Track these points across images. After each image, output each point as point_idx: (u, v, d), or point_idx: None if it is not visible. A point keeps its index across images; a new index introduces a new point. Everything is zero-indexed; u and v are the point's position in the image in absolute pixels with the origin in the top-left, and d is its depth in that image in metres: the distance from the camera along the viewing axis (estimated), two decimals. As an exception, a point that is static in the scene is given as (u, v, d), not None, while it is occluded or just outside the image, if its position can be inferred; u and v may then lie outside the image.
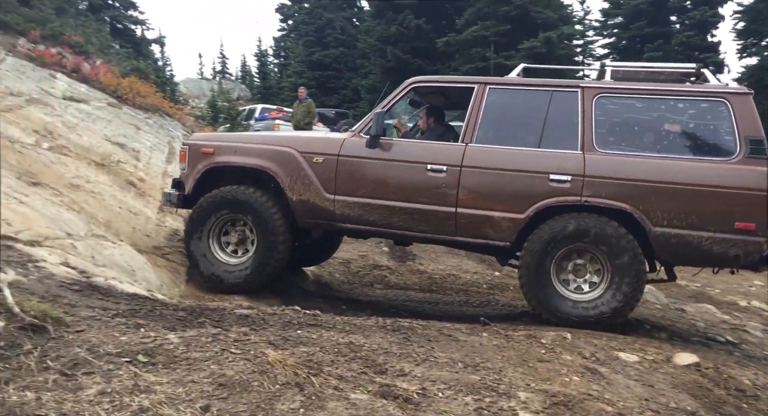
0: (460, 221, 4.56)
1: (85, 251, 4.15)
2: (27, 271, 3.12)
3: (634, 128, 4.51)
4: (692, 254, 4.26)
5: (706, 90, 4.37)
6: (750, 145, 4.13)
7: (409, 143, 4.89)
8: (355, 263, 7.36)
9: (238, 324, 3.25)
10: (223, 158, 5.00)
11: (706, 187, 4.14)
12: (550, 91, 4.61)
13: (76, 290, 3.19)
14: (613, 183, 4.27)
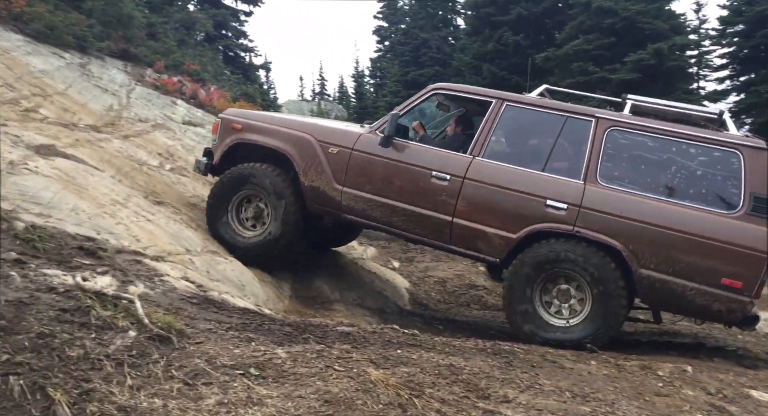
0: (454, 230, 4.63)
1: (201, 266, 4.44)
2: (153, 284, 3.39)
3: (641, 166, 4.43)
4: (674, 302, 4.20)
5: (722, 139, 4.22)
6: (754, 202, 4.01)
7: (420, 148, 4.87)
8: (451, 283, 7.32)
9: (340, 341, 3.33)
10: (249, 136, 5.23)
11: (701, 237, 4.05)
12: (565, 117, 4.57)
13: (195, 303, 3.42)
14: (608, 218, 4.22)
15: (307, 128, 5.17)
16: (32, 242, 3.10)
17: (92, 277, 3.05)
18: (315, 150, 5.01)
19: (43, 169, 4.22)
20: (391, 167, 4.81)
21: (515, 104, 4.75)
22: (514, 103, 4.75)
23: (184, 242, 4.71)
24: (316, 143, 5.03)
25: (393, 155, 4.82)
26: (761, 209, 3.99)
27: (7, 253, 2.86)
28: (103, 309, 2.60)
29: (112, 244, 3.77)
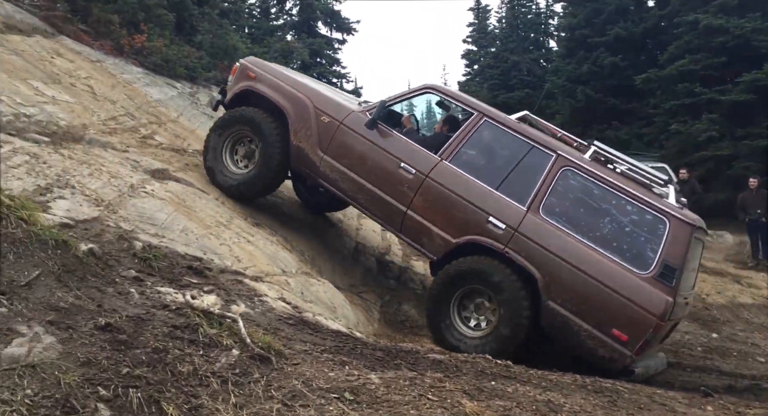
0: (406, 221, 4.94)
1: (296, 287, 4.58)
2: (254, 304, 3.53)
3: (580, 209, 4.60)
4: (568, 338, 4.44)
5: (656, 204, 4.41)
6: (664, 269, 4.21)
7: (398, 138, 5.13)
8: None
9: (432, 369, 3.29)
10: (258, 85, 5.58)
11: (607, 287, 4.25)
12: (531, 146, 4.81)
13: (291, 324, 3.52)
14: (533, 247, 4.47)
15: (309, 92, 5.48)
16: (149, 261, 3.34)
17: (200, 295, 3.22)
18: (309, 114, 5.34)
19: (158, 192, 4.55)
20: (368, 148, 5.12)
21: (493, 121, 5.00)
22: (492, 120, 5.00)
23: (280, 263, 4.88)
24: (312, 108, 5.35)
25: (373, 138, 5.12)
26: (668, 277, 4.20)
27: (127, 271, 3.09)
28: (209, 327, 2.73)
29: (216, 264, 3.98)
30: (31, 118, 4.90)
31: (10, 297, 2.20)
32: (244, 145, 5.63)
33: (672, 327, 4.91)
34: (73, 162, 4.24)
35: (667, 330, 4.64)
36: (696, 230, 4.41)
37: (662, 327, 4.23)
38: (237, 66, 5.90)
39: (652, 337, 4.20)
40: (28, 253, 2.57)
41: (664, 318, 4.16)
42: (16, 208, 2.79)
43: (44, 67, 6.36)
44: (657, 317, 4.14)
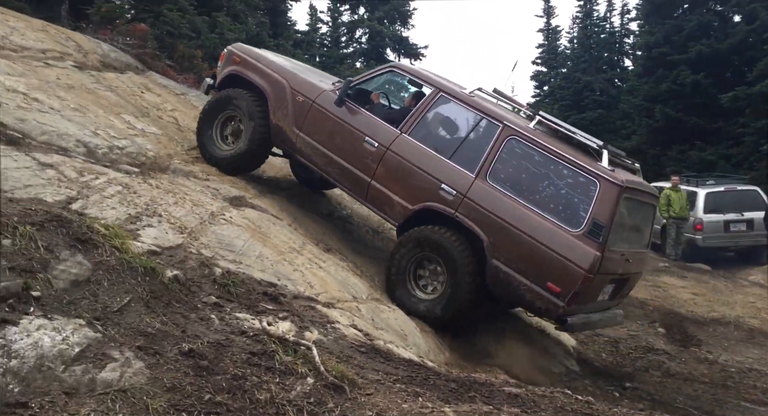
0: (370, 191, 5.36)
1: (367, 314, 4.58)
2: (326, 331, 3.56)
3: (522, 175, 4.95)
4: (510, 294, 4.91)
5: (588, 167, 4.74)
6: (593, 226, 4.57)
7: (364, 114, 5.51)
8: (625, 344, 6.69)
9: (508, 403, 3.18)
10: (242, 69, 6.02)
11: (542, 243, 4.65)
12: (481, 117, 5.19)
13: (363, 352, 3.52)
14: (480, 210, 4.88)
15: (287, 74, 5.90)
16: (227, 287, 3.45)
17: (275, 321, 3.29)
18: (286, 95, 5.76)
19: (235, 219, 4.72)
20: (337, 124, 5.52)
21: (448, 95, 5.36)
22: (448, 95, 5.36)
23: (351, 289, 4.92)
24: (289, 89, 5.77)
25: (341, 115, 5.52)
26: (596, 233, 4.55)
27: (208, 297, 3.21)
28: (285, 355, 2.78)
29: (290, 290, 4.06)
30: (123, 150, 5.25)
31: (105, 323, 2.34)
32: (232, 124, 6.07)
33: (622, 284, 5.31)
34: (160, 191, 4.48)
35: (606, 285, 5.02)
36: (626, 190, 4.70)
37: (591, 279, 4.56)
38: (225, 52, 6.41)
39: (581, 289, 4.56)
40: (120, 279, 2.72)
41: (592, 271, 4.53)
42: (110, 237, 2.97)
43: (135, 102, 6.81)
44: (585, 270, 4.52)
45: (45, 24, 7.73)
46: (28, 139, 4.39)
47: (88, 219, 3.18)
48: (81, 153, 4.72)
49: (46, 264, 2.47)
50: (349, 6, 26.20)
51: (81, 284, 2.52)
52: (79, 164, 4.27)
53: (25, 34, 6.68)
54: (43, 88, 5.43)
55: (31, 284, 2.28)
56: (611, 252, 4.69)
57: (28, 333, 1.95)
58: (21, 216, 2.70)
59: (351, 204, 8.11)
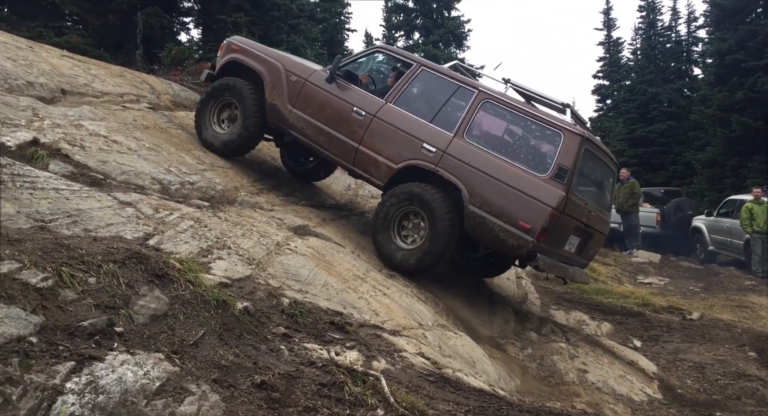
0: (358, 155, 5.90)
1: (433, 341, 4.53)
2: (393, 360, 3.54)
3: (495, 132, 5.69)
4: (485, 235, 5.39)
5: (554, 121, 5.42)
6: (558, 170, 5.17)
7: (352, 89, 6.12)
8: (712, 369, 6.25)
9: (586, 436, 3.04)
10: (240, 56, 6.63)
11: (514, 187, 5.23)
12: (457, 85, 5.83)
13: (431, 381, 3.47)
14: (458, 163, 5.43)
15: (281, 58, 6.54)
16: (295, 317, 3.51)
17: (343, 351, 3.31)
18: (281, 76, 6.35)
19: (300, 248, 4.82)
20: (328, 98, 6.10)
21: (429, 69, 6.03)
22: (429, 69, 6.03)
23: (416, 316, 4.88)
24: (283, 70, 6.38)
25: (332, 90, 6.11)
26: (561, 176, 5.15)
27: (277, 327, 3.27)
28: (354, 385, 2.78)
29: (356, 318, 4.08)
30: (194, 185, 5.50)
31: (182, 356, 2.42)
32: (229, 110, 6.60)
33: (589, 238, 5.86)
34: (228, 224, 4.65)
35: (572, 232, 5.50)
36: (586, 141, 5.32)
37: (558, 216, 5.11)
38: (224, 43, 6.96)
39: (549, 225, 5.11)
40: (195, 313, 2.82)
41: (558, 209, 5.09)
42: (185, 271, 3.10)
43: (204, 138, 7.14)
44: (552, 207, 5.08)
45: (122, 69, 8.29)
46: (109, 179, 4.68)
47: (164, 254, 3.33)
48: (156, 190, 4.98)
49: (128, 300, 2.60)
50: (404, 32, 26.62)
51: (159, 319, 2.63)
52: (155, 201, 4.50)
53: (105, 80, 7.19)
54: (121, 130, 5.79)
55: (115, 320, 2.40)
56: (575, 196, 5.29)
57: (113, 369, 2.04)
58: (104, 254, 2.86)
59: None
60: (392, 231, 5.68)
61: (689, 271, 12.62)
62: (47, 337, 2.09)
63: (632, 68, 27.61)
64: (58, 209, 3.55)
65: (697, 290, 10.45)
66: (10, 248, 2.59)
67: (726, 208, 13.36)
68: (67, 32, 12.52)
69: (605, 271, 11.14)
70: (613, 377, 5.46)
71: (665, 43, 26.22)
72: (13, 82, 5.66)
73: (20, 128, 4.72)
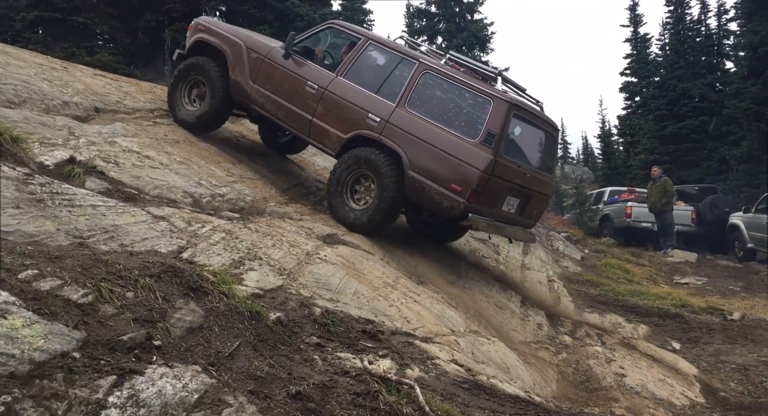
0: (312, 127, 6.28)
1: (466, 347, 4.50)
2: (427, 368, 3.53)
3: (433, 101, 5.93)
4: (423, 198, 5.77)
5: (484, 89, 5.75)
6: (487, 135, 5.53)
7: (307, 64, 6.46)
8: (756, 371, 6.06)
9: (626, 443, 2.97)
10: (206, 36, 6.95)
11: (447, 153, 5.59)
12: (401, 57, 6.18)
13: (466, 388, 3.45)
14: (399, 132, 5.80)
15: (243, 36, 6.85)
16: (327, 326, 3.53)
17: (375, 360, 3.31)
18: (242, 53, 6.68)
19: (330, 257, 4.85)
20: (284, 74, 6.44)
21: (375, 42, 6.40)
22: (375, 42, 6.40)
23: (448, 323, 4.86)
24: (245, 48, 6.70)
25: (288, 65, 6.46)
26: (490, 141, 5.49)
27: (310, 337, 3.29)
28: (388, 394, 2.78)
29: (387, 326, 4.08)
30: (224, 197, 5.59)
31: (218, 368, 2.46)
32: (198, 88, 6.93)
33: (529, 200, 6.17)
34: (259, 235, 4.70)
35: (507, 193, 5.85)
36: (514, 107, 5.66)
37: (486, 179, 5.45)
38: (192, 24, 7.25)
39: (478, 187, 5.46)
40: (229, 324, 2.86)
41: (487, 172, 5.44)
42: (218, 283, 3.15)
43: (232, 150, 7.26)
44: (481, 170, 5.44)
45: (152, 86, 8.49)
46: (143, 194, 4.79)
47: (197, 267, 3.39)
48: (188, 203, 5.08)
49: (164, 313, 2.65)
50: (427, 37, 26.61)
51: (195, 331, 2.68)
52: (187, 214, 4.58)
53: (136, 97, 7.37)
54: (153, 145, 5.93)
55: (153, 333, 2.45)
56: (505, 159, 5.59)
57: (152, 382, 2.09)
58: (141, 269, 2.93)
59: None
60: (345, 195, 6.03)
61: (728, 270, 12.27)
62: (89, 352, 2.15)
63: (661, 64, 27.05)
64: (95, 225, 3.65)
65: (737, 289, 10.15)
66: (51, 265, 2.67)
67: (764, 204, 12.97)
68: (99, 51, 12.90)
69: (640, 272, 10.91)
70: (653, 381, 5.33)
71: (695, 37, 25.62)
72: (50, 102, 5.85)
73: (57, 147, 4.88)
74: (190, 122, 6.88)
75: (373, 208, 5.88)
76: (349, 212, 5.99)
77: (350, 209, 6.01)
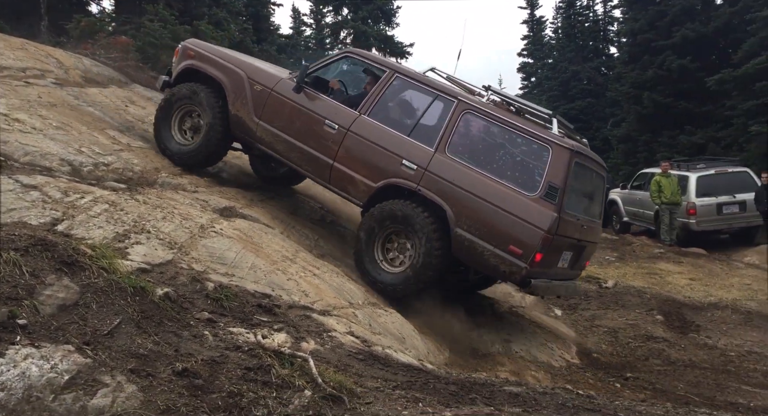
0: (333, 172, 5.46)
1: (363, 319, 4.55)
2: (323, 340, 3.53)
3: (479, 146, 5.23)
4: (474, 260, 5.05)
5: (540, 135, 4.98)
6: (548, 189, 4.80)
7: (322, 99, 5.62)
8: (624, 333, 6.69)
9: (509, 403, 3.17)
10: (197, 63, 6.03)
11: (502, 208, 4.86)
12: (436, 94, 5.38)
13: (361, 359, 3.49)
14: (442, 182, 5.04)
15: (243, 65, 5.96)
16: (220, 301, 3.41)
17: (270, 334, 3.26)
18: (243, 85, 5.80)
19: (226, 230, 4.68)
20: (296, 110, 5.60)
21: (404, 77, 5.55)
22: (404, 76, 5.55)
23: (346, 295, 4.88)
24: (246, 79, 5.82)
25: (300, 100, 5.61)
26: (552, 196, 4.79)
27: (201, 313, 3.17)
28: (281, 368, 2.75)
29: (284, 300, 4.02)
30: (109, 166, 5.19)
31: (95, 347, 2.30)
32: (191, 118, 6.04)
33: (579, 251, 5.48)
34: (147, 207, 4.43)
35: (565, 250, 5.20)
36: (576, 154, 4.94)
37: (551, 239, 4.76)
38: (179, 48, 6.38)
39: (542, 249, 4.75)
40: (110, 301, 2.68)
41: (551, 232, 4.74)
42: (97, 257, 2.93)
43: (119, 116, 6.76)
44: (545, 230, 4.72)
45: (24, 42, 7.65)
46: (11, 161, 4.33)
47: (74, 241, 3.14)
48: (65, 172, 4.66)
49: (32, 290, 2.43)
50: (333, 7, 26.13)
51: (69, 309, 2.48)
52: (64, 184, 4.21)
53: (3, 54, 6.61)
54: (24, 107, 5.37)
55: (17, 312, 2.24)
56: (567, 215, 4.94)
57: (14, 364, 1.91)
58: (5, 242, 2.66)
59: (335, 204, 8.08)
60: (376, 254, 5.28)
61: (606, 242, 13.35)
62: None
63: (554, 47, 28.52)
64: (-50, 195, 3.25)
65: (613, 259, 11.09)
66: None
67: (638, 181, 14.16)
68: (-40, 0, 11.41)
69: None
70: (536, 345, 5.72)
71: (584, 22, 27.21)
72: None
73: None
74: (183, 158, 5.97)
75: (413, 272, 5.08)
76: (383, 276, 5.22)
77: (385, 273, 5.23)
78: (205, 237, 4.35)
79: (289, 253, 5.01)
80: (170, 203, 4.82)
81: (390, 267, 5.25)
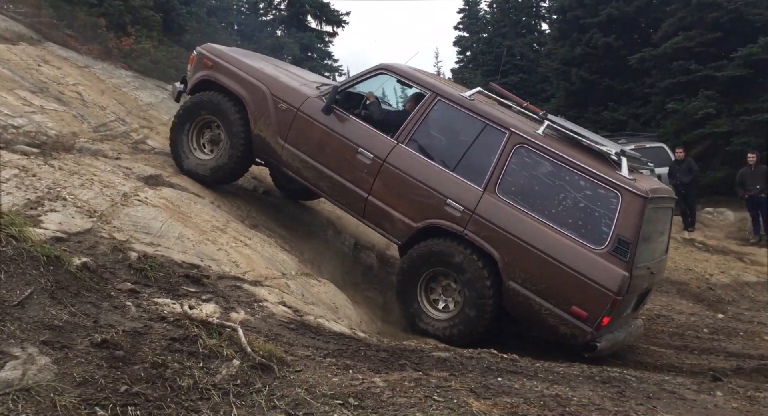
0: (368, 207, 4.94)
1: (296, 289, 4.53)
2: (253, 310, 3.48)
3: (535, 187, 4.54)
4: (530, 318, 4.53)
5: (608, 178, 4.34)
6: (618, 243, 4.19)
7: (355, 123, 5.05)
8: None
9: (437, 367, 3.25)
10: (215, 74, 5.49)
11: (563, 264, 4.26)
12: (485, 124, 4.72)
13: (292, 328, 3.48)
14: (492, 228, 4.47)
15: (266, 79, 5.37)
16: (144, 272, 3.29)
17: (198, 305, 3.18)
18: (267, 102, 5.25)
19: (151, 199, 4.49)
20: (326, 134, 5.05)
21: (446, 100, 4.89)
22: (446, 99, 4.89)
23: (279, 266, 4.83)
24: (270, 96, 5.26)
25: (330, 124, 5.05)
26: (623, 251, 4.17)
27: (123, 283, 3.04)
28: (209, 338, 2.69)
29: (214, 270, 3.93)
30: (19, 129, 4.83)
31: (2, 318, 2.16)
32: (210, 130, 5.58)
33: (644, 295, 4.99)
34: (63, 173, 4.17)
35: (632, 301, 4.66)
36: (650, 201, 4.31)
37: (620, 302, 4.21)
38: (194, 55, 5.82)
39: (610, 312, 4.23)
40: (20, 271, 2.52)
41: (621, 293, 4.17)
42: (6, 225, 2.74)
43: (31, 76, 6.27)
44: (614, 292, 4.15)
45: None
46: None
47: (-22, 208, 2.91)
48: (-31, 135, 4.31)
49: (-71, 261, 2.24)
50: (266, -30, 25.13)
51: (-27, 280, 2.31)
52: (-33, 147, 3.89)
53: None
54: None
55: None
56: (638, 269, 4.34)
57: None
58: None
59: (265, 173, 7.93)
60: (421, 298, 4.86)
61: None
62: None
63: (489, 21, 28.83)
64: None
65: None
66: None
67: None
68: None
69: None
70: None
71: (518, -3, 27.58)
72: None
73: None
74: (201, 175, 5.50)
75: (462, 319, 4.61)
76: (431, 323, 4.78)
77: (431, 320, 4.79)
78: (128, 206, 4.16)
79: (220, 223, 4.89)
80: (89, 170, 4.57)
81: (436, 312, 4.83)
